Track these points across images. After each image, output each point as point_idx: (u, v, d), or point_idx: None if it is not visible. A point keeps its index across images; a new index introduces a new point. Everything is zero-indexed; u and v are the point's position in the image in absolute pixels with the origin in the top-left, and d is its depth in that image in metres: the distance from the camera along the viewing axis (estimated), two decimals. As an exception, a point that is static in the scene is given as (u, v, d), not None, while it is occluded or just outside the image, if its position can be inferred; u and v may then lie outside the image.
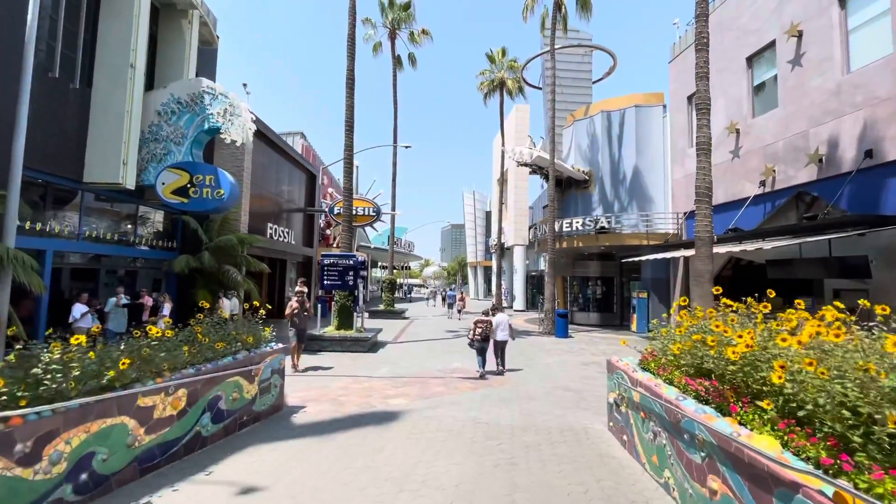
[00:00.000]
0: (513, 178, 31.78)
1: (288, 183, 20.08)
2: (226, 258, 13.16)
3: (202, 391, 4.65)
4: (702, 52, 8.48)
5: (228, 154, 14.77)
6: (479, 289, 46.97)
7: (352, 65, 13.13)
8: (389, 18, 24.34)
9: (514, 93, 26.02)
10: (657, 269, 17.82)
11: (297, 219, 21.08)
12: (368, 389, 7.85)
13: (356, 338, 11.86)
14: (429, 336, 15.55)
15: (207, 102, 10.50)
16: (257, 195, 16.53)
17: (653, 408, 4.22)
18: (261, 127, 16.41)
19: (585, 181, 19.98)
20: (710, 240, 8.31)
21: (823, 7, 11.14)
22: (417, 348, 12.73)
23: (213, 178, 10.39)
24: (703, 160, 8.47)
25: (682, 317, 4.59)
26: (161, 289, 13.13)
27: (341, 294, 12.70)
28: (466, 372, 9.57)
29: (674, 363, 4.53)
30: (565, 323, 15.77)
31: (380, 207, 21.19)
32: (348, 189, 13.09)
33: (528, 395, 7.71)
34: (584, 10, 17.15)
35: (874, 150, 9.81)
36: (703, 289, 8.07)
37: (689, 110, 16.70)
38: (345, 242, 13.16)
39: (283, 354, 6.48)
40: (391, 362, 10.50)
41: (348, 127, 13.03)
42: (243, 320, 5.98)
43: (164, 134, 10.49)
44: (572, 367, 10.29)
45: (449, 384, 8.39)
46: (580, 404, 7.15)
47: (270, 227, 16.99)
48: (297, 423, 5.91)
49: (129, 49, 9.57)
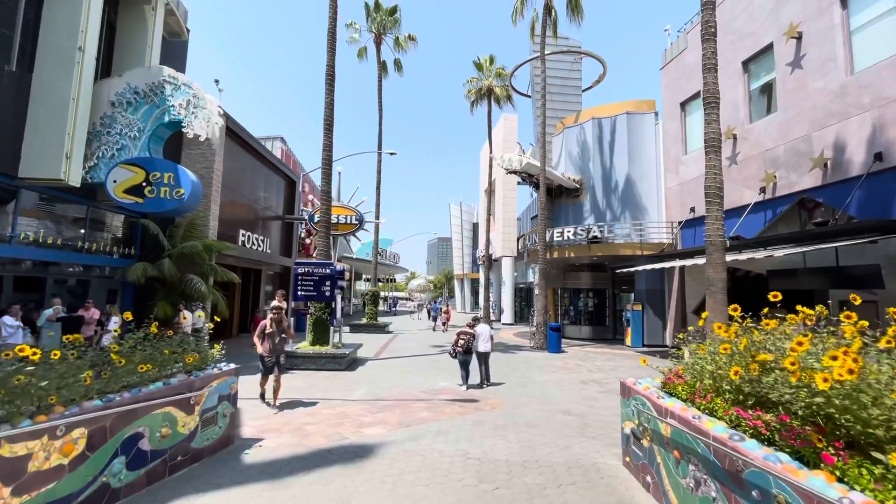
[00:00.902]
0: (500, 189, 31.17)
1: (265, 189, 18.99)
2: (190, 267, 12.00)
3: (114, 428, 3.58)
4: (709, 43, 7.86)
5: (198, 155, 13.69)
6: (466, 302, 45.95)
7: (332, 60, 12.29)
8: (375, 23, 23.73)
9: (501, 101, 25.52)
10: (652, 280, 17.16)
11: (274, 227, 19.94)
12: (341, 416, 6.79)
13: (332, 354, 10.76)
14: (413, 352, 14.49)
15: (168, 93, 9.49)
16: (229, 200, 15.41)
17: (693, 447, 3.31)
18: (235, 128, 15.42)
19: (576, 190, 19.36)
20: (722, 245, 7.58)
21: (824, 7, 10.76)
22: (400, 365, 11.67)
23: (172, 175, 9.31)
24: (713, 158, 7.78)
25: (722, 330, 3.72)
26: (116, 301, 11.89)
27: (317, 306, 11.61)
28: (454, 392, 8.56)
29: (711, 387, 3.65)
30: (558, 337, 14.89)
31: (363, 216, 20.21)
32: (326, 192, 12.12)
33: (525, 420, 6.74)
34: (574, 13, 16.72)
35: (884, 153, 9.29)
36: (715, 299, 7.29)
37: (682, 117, 16.28)
38: (322, 250, 12.13)
39: (235, 376, 5.42)
40: (370, 382, 9.43)
41: (327, 125, 12.13)
42: (183, 335, 4.91)
43: (119, 127, 9.42)
44: (570, 387, 9.37)
45: (434, 408, 7.38)
46: (585, 432, 6.21)
47: (243, 235, 15.84)
48: (247, 462, 4.83)
49: (78, 30, 8.54)
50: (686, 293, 15.93)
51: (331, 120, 12.17)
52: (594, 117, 18.94)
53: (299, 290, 11.26)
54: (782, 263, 12.21)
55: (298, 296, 11.30)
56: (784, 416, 2.74)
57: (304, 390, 8.47)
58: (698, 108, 15.50)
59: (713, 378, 3.63)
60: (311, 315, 11.76)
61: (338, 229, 20.02)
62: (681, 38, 16.32)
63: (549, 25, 17.27)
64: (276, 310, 7.28)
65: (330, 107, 12.19)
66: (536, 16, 17.82)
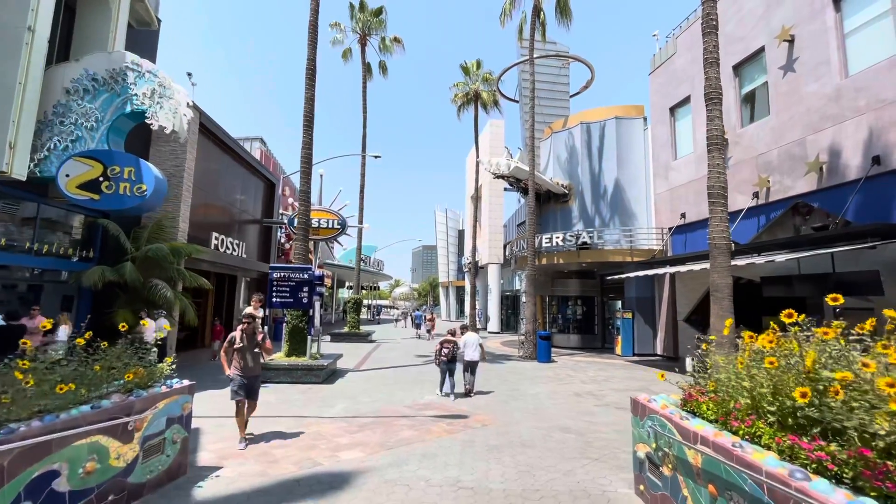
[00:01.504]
0: (487, 195, 30.77)
1: (242, 191, 18.10)
2: (156, 271, 11.09)
3: (14, 468, 2.82)
4: (710, 36, 7.51)
5: (168, 152, 12.84)
6: (452, 310, 45.27)
7: (313, 54, 11.65)
8: (360, 24, 23.22)
9: (488, 105, 25.21)
10: (642, 287, 16.82)
11: (252, 231, 19.03)
12: (315, 437, 6.05)
13: (309, 366, 9.98)
14: (396, 362, 13.75)
15: (131, 81, 8.71)
16: (202, 202, 14.52)
17: (736, 483, 2.74)
18: (210, 125, 14.60)
19: (565, 195, 19.01)
20: (727, 248, 7.14)
21: (816, 11, 10.63)
22: (383, 377, 10.93)
23: (133, 170, 8.50)
24: (717, 156, 7.36)
25: (769, 342, 3.18)
26: (72, 308, 10.89)
27: (293, 314, 10.82)
28: (441, 407, 7.89)
29: (749, 408, 3.10)
30: (548, 346, 14.34)
31: (345, 220, 19.43)
32: (305, 193, 11.39)
33: (520, 439, 6.11)
34: (563, 16, 16.48)
35: (882, 157, 9.08)
36: (721, 306, 6.83)
37: (671, 122, 16.11)
38: (300, 253, 11.37)
39: (189, 394, 4.66)
40: (350, 396, 8.68)
41: (307, 122, 11.44)
42: (124, 347, 4.15)
43: (74, 116, 8.58)
44: (564, 400, 8.79)
45: (420, 426, 6.69)
46: (588, 453, 5.61)
47: (216, 238, 14.94)
48: (199, 498, 4.07)
49: (28, 8, 7.73)
50: (677, 301, 15.62)
51: (311, 116, 11.49)
52: (583, 122, 18.68)
53: (274, 296, 10.46)
54: (776, 270, 11.96)
55: (274, 303, 10.49)
56: (864, 450, 2.18)
57: (275, 407, 7.68)
58: (688, 114, 15.35)
59: (752, 397, 3.08)
60: (288, 324, 10.96)
61: (319, 234, 19.21)
62: (669, 43, 16.21)
63: (537, 28, 17.00)
64: (247, 318, 5.82)
65: (310, 102, 11.52)
66: (525, 17, 17.54)
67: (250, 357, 5.77)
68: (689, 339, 15.07)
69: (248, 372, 5.74)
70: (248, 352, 5.77)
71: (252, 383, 5.81)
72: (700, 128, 14.51)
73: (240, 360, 5.72)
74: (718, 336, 6.87)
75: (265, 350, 5.97)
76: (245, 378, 5.70)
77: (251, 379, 5.78)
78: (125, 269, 10.26)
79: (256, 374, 5.89)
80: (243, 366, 5.72)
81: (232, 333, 5.87)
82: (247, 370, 5.73)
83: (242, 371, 5.71)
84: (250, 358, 5.77)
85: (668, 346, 15.73)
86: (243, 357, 5.73)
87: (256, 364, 5.87)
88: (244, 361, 5.73)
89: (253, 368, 5.81)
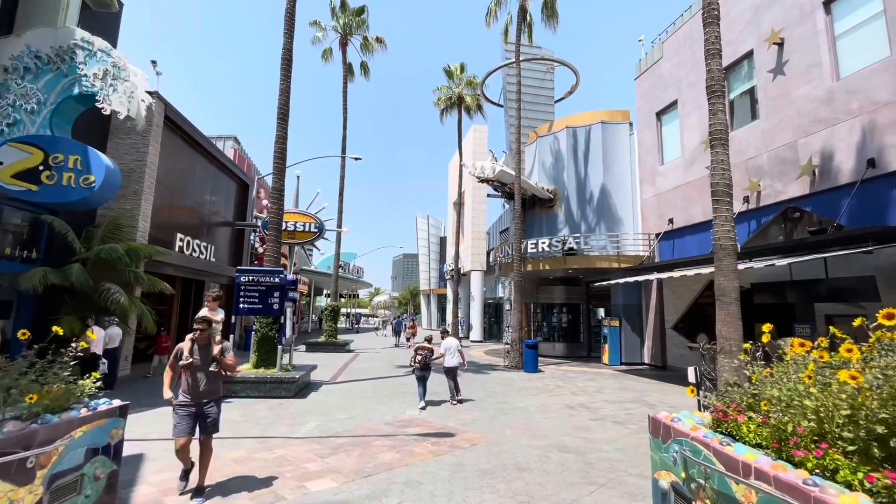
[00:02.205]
0: (470, 201, 30.30)
1: (212, 191, 17.06)
2: (109, 274, 10.06)
3: None
4: (713, 26, 7.18)
5: (128, 145, 11.84)
6: (433, 318, 44.43)
7: (289, 44, 10.92)
8: (341, 23, 22.57)
9: (472, 110, 24.83)
10: (629, 294, 16.47)
11: (222, 234, 17.94)
12: (280, 462, 5.23)
13: (279, 379, 9.09)
14: (376, 373, 12.92)
15: (80, 60, 7.80)
16: (167, 201, 13.48)
17: (814, 533, 2.12)
18: (177, 119, 13.64)
19: (550, 200, 18.63)
20: (733, 249, 6.70)
21: (806, 13, 10.52)
22: (361, 390, 10.11)
23: (79, 159, 7.56)
24: (720, 152, 6.99)
25: (846, 351, 2.61)
26: (10, 315, 9.73)
27: (263, 321, 9.92)
28: (425, 424, 7.14)
29: (814, 432, 2.51)
30: (535, 355, 13.76)
31: (323, 223, 18.56)
32: (278, 190, 10.57)
33: (514, 461, 5.43)
34: (550, 18, 16.21)
35: (877, 159, 8.90)
36: (728, 311, 6.35)
37: (657, 127, 15.93)
38: (272, 255, 10.50)
39: (120, 417, 3.82)
40: (323, 412, 7.85)
41: (282, 114, 10.66)
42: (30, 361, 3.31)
43: (11, 97, 7.62)
44: (557, 414, 8.16)
45: (402, 446, 5.94)
46: (591, 476, 4.97)
47: (181, 240, 13.88)
48: (123, 551, 3.24)
49: (-43, -28, 6.79)
50: (665, 308, 15.30)
51: (286, 108, 10.72)
52: (568, 126, 18.40)
53: (242, 302, 9.56)
54: (766, 276, 11.71)
55: (241, 309, 9.59)
56: None
57: (238, 426, 6.80)
58: (675, 118, 15.19)
59: (819, 419, 2.49)
60: (257, 332, 10.05)
61: (295, 237, 18.27)
62: (655, 47, 16.10)
63: (523, 31, 16.69)
64: (199, 324, 4.32)
65: (285, 94, 10.76)
66: (511, 18, 17.22)
67: (203, 376, 4.26)
68: (678, 347, 14.75)
69: (198, 396, 4.22)
70: (200, 369, 4.27)
71: (205, 412, 4.24)
72: (688, 132, 14.37)
73: (188, 377, 4.24)
74: (725, 344, 6.39)
75: (225, 366, 4.38)
76: (194, 405, 4.20)
77: (203, 406, 4.24)
78: (72, 272, 9.20)
79: (212, 400, 4.32)
80: (192, 388, 4.21)
81: (179, 345, 4.33)
82: (197, 394, 4.21)
83: (191, 395, 4.20)
84: (203, 378, 4.26)
85: (655, 354, 15.36)
86: (193, 376, 4.24)
87: (213, 386, 4.33)
88: (194, 382, 4.23)
89: (207, 392, 4.26)
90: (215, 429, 4.34)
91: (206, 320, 4.47)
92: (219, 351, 4.36)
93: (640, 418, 7.84)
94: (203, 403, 4.27)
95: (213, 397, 4.36)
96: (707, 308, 14.07)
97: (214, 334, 4.55)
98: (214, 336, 4.51)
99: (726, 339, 6.28)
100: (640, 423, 7.45)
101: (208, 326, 4.41)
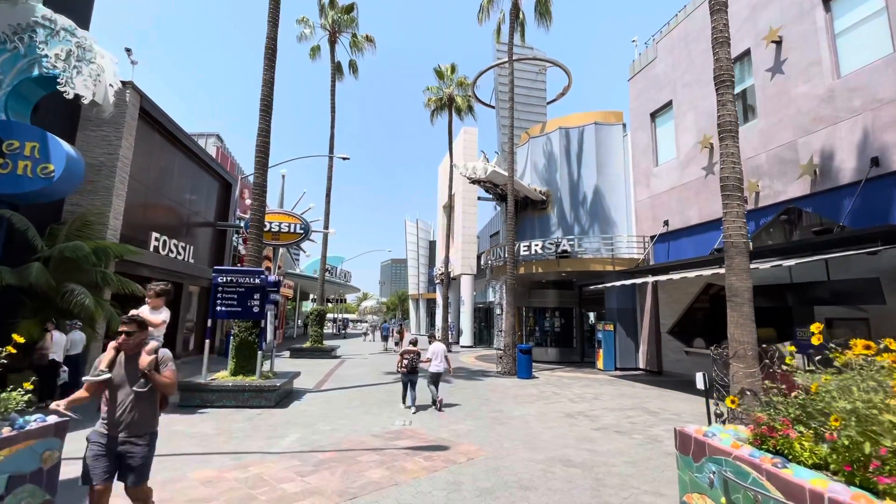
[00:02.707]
0: (460, 204, 29.87)
1: (192, 190, 16.31)
2: (75, 274, 9.30)
3: None
4: (720, 14, 6.84)
5: (99, 137, 11.12)
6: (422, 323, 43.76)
7: (273, 32, 10.38)
8: (329, 20, 22.02)
9: (463, 111, 24.45)
10: (623, 298, 16.14)
11: (203, 235, 17.16)
12: (255, 482, 4.64)
13: (259, 387, 8.44)
14: (363, 380, 12.31)
15: (41, 39, 7.15)
16: (142, 198, 12.75)
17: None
18: (155, 113, 12.96)
19: (543, 202, 18.28)
20: (745, 247, 6.33)
21: (805, 11, 10.35)
22: (347, 398, 9.50)
23: (36, 146, 6.90)
24: (730, 145, 6.61)
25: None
26: (-37, 318, 8.91)
27: (242, 325, 9.28)
28: (416, 435, 6.59)
29: None
30: (529, 361, 13.29)
31: (309, 224, 17.91)
32: (260, 186, 9.97)
33: (516, 478, 4.92)
34: (543, 16, 15.95)
35: (880, 158, 8.68)
36: (740, 313, 5.95)
37: (652, 128, 15.72)
38: (252, 255, 9.87)
39: (56, 437, 3.21)
40: (306, 423, 7.25)
41: (265, 107, 10.08)
42: None
43: (-38, 78, 6.91)
44: (557, 423, 7.68)
45: (391, 462, 5.38)
46: (603, 496, 4.48)
47: (157, 239, 13.12)
48: None
49: None
50: (660, 312, 14.99)
51: (269, 100, 10.15)
52: (561, 127, 18.12)
53: (219, 304, 8.91)
54: (765, 279, 11.43)
55: (218, 312, 8.93)
56: None
57: (210, 440, 6.17)
58: (670, 119, 14.99)
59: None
60: (235, 336, 9.39)
61: (280, 239, 17.59)
62: (649, 48, 15.92)
63: (516, 29, 16.38)
64: (127, 324, 3.14)
65: (269, 85, 10.19)
66: (503, 17, 16.91)
67: (128, 399, 3.05)
68: (674, 352, 14.43)
69: (116, 428, 3.01)
70: (123, 388, 3.06)
71: (126, 452, 3.02)
72: (683, 133, 14.14)
73: (107, 403, 3.06)
74: (739, 348, 5.99)
75: (160, 385, 3.13)
76: (112, 437, 3.00)
77: (126, 444, 3.02)
78: (31, 271, 8.44)
79: (137, 435, 3.07)
80: (110, 415, 3.02)
81: (102, 355, 3.19)
82: (117, 423, 3.01)
83: (108, 424, 3.01)
84: (128, 401, 3.05)
85: (651, 359, 15.02)
86: (113, 398, 3.05)
87: (142, 414, 3.10)
88: (113, 406, 3.04)
89: (132, 422, 3.04)
90: (139, 479, 3.07)
91: (136, 321, 3.20)
92: (149, 364, 3.09)
93: (644, 427, 7.41)
94: (125, 439, 3.02)
95: (139, 430, 3.07)
96: (704, 312, 13.80)
97: (149, 341, 3.30)
98: (147, 343, 3.25)
99: (739, 343, 5.88)
100: (645, 433, 7.02)
101: (139, 329, 3.18)
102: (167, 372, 3.22)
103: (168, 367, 3.25)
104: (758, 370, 5.73)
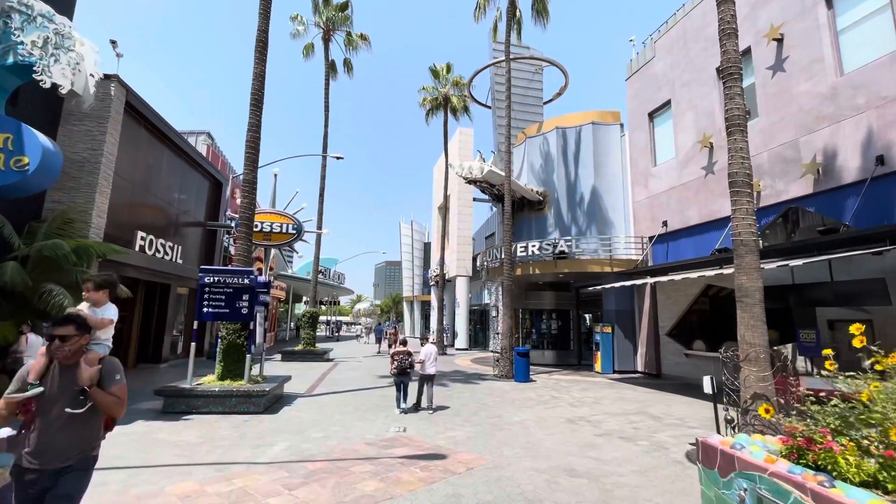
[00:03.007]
0: (456, 205, 29.59)
1: (181, 189, 15.88)
2: (52, 274, 8.89)
3: None
4: (727, 4, 6.65)
5: (82, 132, 10.72)
6: (416, 325, 43.35)
7: (264, 25, 10.05)
8: (323, 18, 21.72)
9: (458, 111, 24.19)
10: (621, 299, 15.92)
11: (192, 235, 16.72)
12: (239, 496, 4.29)
13: (247, 392, 8.07)
14: (356, 384, 11.95)
15: (16, 25, 6.77)
16: (127, 196, 12.33)
17: None
18: (142, 108, 12.56)
19: (539, 202, 18.05)
20: (755, 246, 6.11)
21: (807, 8, 10.20)
22: (339, 404, 9.15)
23: (10, 138, 6.51)
24: (739, 139, 6.42)
25: None
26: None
27: (229, 327, 8.90)
28: (412, 443, 6.27)
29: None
30: (526, 364, 13.00)
31: (301, 224, 17.52)
32: (250, 182, 9.62)
33: (520, 490, 4.61)
34: (540, 15, 15.75)
35: (886, 156, 8.52)
36: (751, 313, 5.71)
37: (650, 128, 15.55)
38: (242, 254, 9.51)
39: (4, 454, 2.86)
40: (296, 430, 6.89)
41: (255, 101, 9.74)
42: None
43: (-69, 65, 6.52)
44: (558, 429, 7.39)
45: (386, 473, 5.06)
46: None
47: (143, 239, 12.69)
48: None
49: None
50: (659, 314, 14.78)
51: (259, 95, 9.81)
52: (558, 127, 17.91)
53: (206, 305, 8.53)
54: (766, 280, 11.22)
55: (205, 314, 8.55)
56: None
57: (193, 449, 5.80)
58: (668, 119, 14.82)
59: None
60: (223, 339, 9.01)
61: (271, 239, 17.18)
62: (647, 47, 15.77)
63: (513, 28, 16.17)
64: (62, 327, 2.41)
65: (259, 79, 9.85)
66: (500, 14, 16.70)
67: (62, 420, 2.37)
68: (673, 355, 14.21)
69: (46, 456, 2.33)
70: (56, 406, 2.37)
71: (56, 485, 2.34)
72: (682, 132, 13.97)
73: (35, 424, 2.36)
74: (750, 350, 5.74)
75: (104, 404, 2.45)
76: (38, 471, 2.31)
77: (54, 475, 2.34)
78: (6, 270, 8.05)
79: (71, 464, 2.39)
80: (39, 440, 2.34)
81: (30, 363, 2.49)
82: (45, 450, 2.33)
83: (35, 452, 2.33)
84: (62, 422, 2.37)
85: (650, 362, 14.80)
86: (43, 418, 2.36)
87: (79, 437, 2.43)
88: (43, 429, 2.35)
89: (65, 448, 2.37)
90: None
91: (75, 321, 2.46)
92: (90, 377, 2.42)
93: (649, 433, 7.14)
94: (54, 470, 2.34)
95: (74, 456, 2.40)
96: (703, 314, 13.60)
97: (92, 348, 2.62)
98: (87, 350, 2.54)
99: (750, 346, 5.63)
100: (650, 439, 6.75)
101: (77, 332, 2.44)
102: (115, 388, 2.51)
103: (116, 381, 2.53)
104: (770, 374, 5.48)
